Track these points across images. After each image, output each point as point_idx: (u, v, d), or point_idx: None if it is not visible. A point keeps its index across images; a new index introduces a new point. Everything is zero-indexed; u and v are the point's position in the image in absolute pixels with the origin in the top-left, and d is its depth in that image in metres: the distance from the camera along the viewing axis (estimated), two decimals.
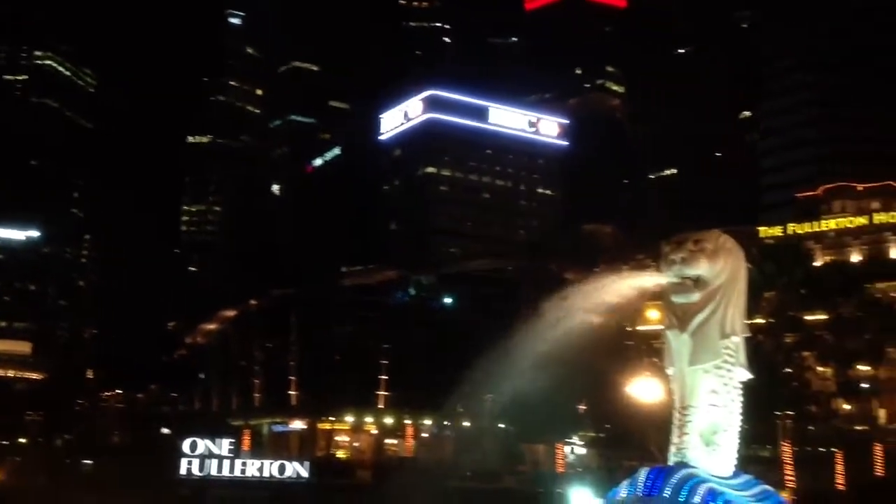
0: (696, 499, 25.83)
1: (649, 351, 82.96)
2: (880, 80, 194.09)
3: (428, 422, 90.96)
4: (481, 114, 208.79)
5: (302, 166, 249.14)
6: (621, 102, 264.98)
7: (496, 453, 79.69)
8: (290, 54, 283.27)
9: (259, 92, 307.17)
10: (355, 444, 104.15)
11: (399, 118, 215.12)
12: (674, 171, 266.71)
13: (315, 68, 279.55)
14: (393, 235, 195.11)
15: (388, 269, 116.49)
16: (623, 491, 29.12)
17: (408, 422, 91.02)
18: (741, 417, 30.46)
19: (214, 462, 63.36)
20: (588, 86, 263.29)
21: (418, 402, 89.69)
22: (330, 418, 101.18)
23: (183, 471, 63.33)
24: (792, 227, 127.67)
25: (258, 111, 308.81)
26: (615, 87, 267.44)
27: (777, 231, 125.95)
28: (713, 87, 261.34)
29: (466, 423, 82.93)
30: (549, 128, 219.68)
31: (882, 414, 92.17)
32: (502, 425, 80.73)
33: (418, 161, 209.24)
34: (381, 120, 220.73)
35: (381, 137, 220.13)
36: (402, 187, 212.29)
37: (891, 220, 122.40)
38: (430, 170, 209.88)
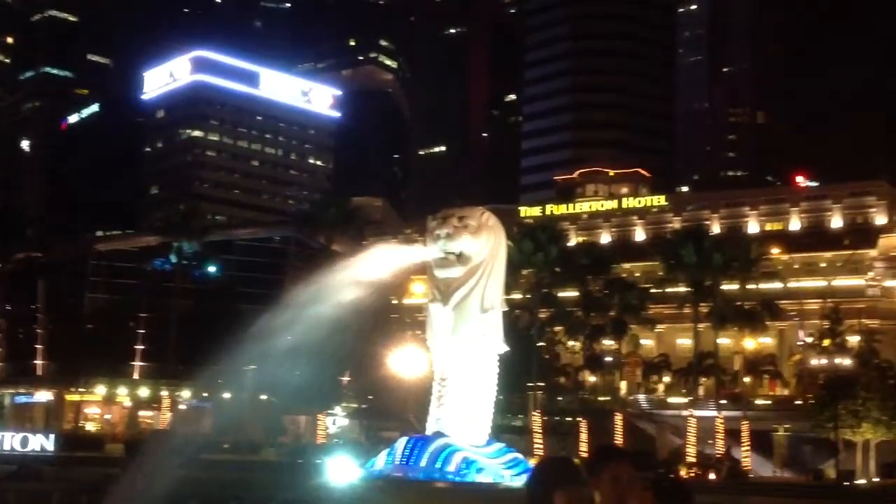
0: (451, 467, 26.65)
1: (413, 324, 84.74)
2: (632, 71, 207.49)
3: (186, 393, 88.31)
4: (252, 79, 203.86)
5: (56, 123, 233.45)
6: (394, 77, 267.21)
7: (257, 425, 78.71)
8: (45, 2, 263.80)
9: (9, 40, 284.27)
10: (106, 417, 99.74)
11: (164, 77, 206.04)
12: (442, 148, 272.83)
13: (73, 18, 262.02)
14: (154, 200, 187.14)
15: (147, 235, 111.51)
16: (382, 461, 29.55)
17: (164, 393, 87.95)
18: (497, 388, 31.61)
19: None
20: (362, 58, 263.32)
21: (176, 374, 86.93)
22: (80, 389, 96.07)
23: None
24: (550, 208, 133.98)
25: (7, 61, 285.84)
26: (389, 62, 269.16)
27: (536, 211, 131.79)
28: (480, 70, 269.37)
29: (227, 395, 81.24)
30: (321, 98, 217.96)
31: (623, 386, 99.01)
32: (264, 397, 79.83)
33: (184, 124, 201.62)
34: (145, 78, 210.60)
35: (144, 97, 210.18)
36: (166, 150, 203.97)
37: (637, 205, 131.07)
38: (197, 134, 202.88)
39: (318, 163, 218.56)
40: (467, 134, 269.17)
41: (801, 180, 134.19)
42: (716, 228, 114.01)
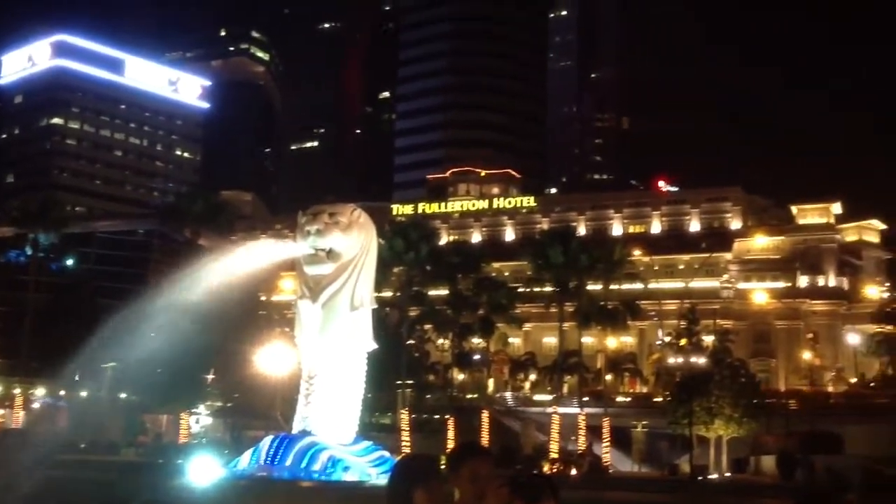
0: (317, 466, 26.44)
1: (282, 321, 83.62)
2: (505, 74, 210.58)
3: (41, 391, 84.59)
4: (117, 66, 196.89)
5: None
6: (266, 70, 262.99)
7: (115, 424, 76.11)
8: None
9: None
10: None
11: (23, 62, 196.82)
12: (315, 143, 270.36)
13: None
14: (9, 189, 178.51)
15: (1, 226, 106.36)
16: (246, 460, 29.05)
17: (17, 391, 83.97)
18: (365, 386, 31.50)
19: None
20: (233, 49, 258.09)
21: (31, 371, 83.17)
22: None
23: None
24: (422, 207, 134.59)
25: None
26: (261, 54, 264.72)
27: (408, 209, 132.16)
28: (355, 66, 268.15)
29: (84, 393, 78.21)
30: (190, 88, 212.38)
31: (491, 383, 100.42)
32: (123, 395, 77.27)
33: (43, 110, 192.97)
34: (2, 62, 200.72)
35: (1, 81, 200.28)
36: (23, 137, 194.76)
37: (507, 206, 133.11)
38: (57, 121, 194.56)
39: (186, 154, 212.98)
40: (341, 130, 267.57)
41: (662, 185, 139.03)
42: (582, 230, 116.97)
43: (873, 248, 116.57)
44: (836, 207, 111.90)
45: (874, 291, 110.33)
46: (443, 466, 5.86)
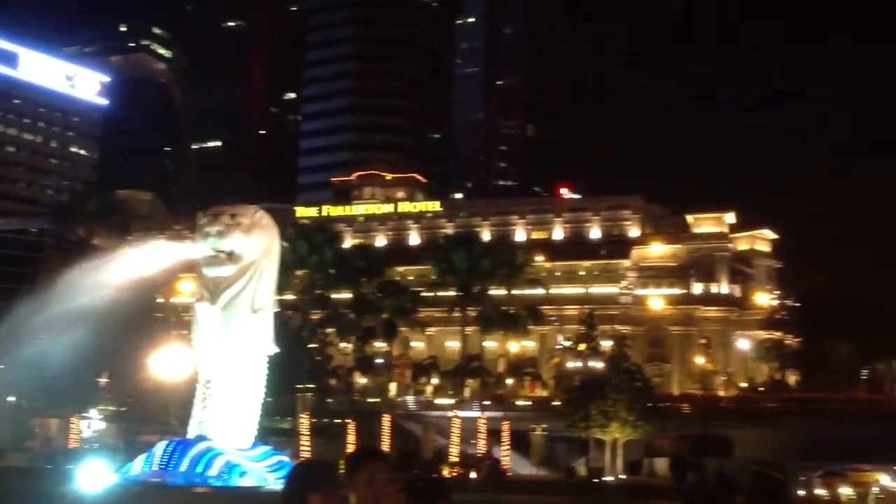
0: (213, 471, 25.95)
1: (179, 324, 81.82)
2: (412, 79, 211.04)
3: None
4: (10, 59, 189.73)
5: None
6: (168, 67, 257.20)
7: (3, 429, 73.31)
8: None
9: None
10: None
11: None
12: (217, 143, 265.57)
13: None
14: None
15: None
16: (139, 465, 28.34)
17: None
18: (265, 390, 31.09)
19: None
20: (133, 45, 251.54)
21: None
22: None
23: None
24: (327, 210, 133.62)
25: None
26: (162, 51, 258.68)
27: (312, 212, 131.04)
28: (259, 65, 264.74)
29: None
30: (87, 84, 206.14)
31: (393, 387, 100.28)
32: (11, 398, 74.48)
33: None
34: None
35: None
36: None
37: (413, 210, 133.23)
38: None
39: (82, 152, 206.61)
40: (244, 130, 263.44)
41: (564, 192, 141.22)
42: (486, 235, 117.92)
43: (764, 257, 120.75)
44: (730, 217, 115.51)
45: (764, 299, 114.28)
46: (341, 471, 5.85)
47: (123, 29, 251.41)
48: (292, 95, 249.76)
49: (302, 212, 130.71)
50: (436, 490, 5.64)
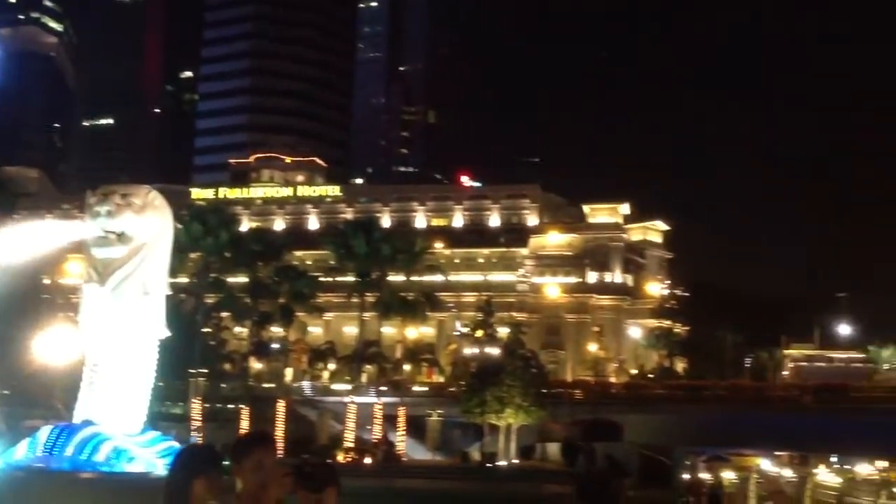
0: (100, 457, 25.30)
1: (66, 305, 79.25)
2: (314, 61, 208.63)
3: None
4: None
5: None
6: (59, 41, 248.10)
7: None
8: None
9: None
10: None
11: None
12: (110, 121, 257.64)
13: None
14: None
15: None
16: (22, 451, 27.38)
17: None
18: (156, 375, 30.43)
19: None
20: (23, 17, 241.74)
21: None
22: None
23: None
24: (223, 192, 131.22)
25: None
26: (53, 24, 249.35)
27: (208, 193, 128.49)
28: (155, 42, 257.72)
29: None
30: None
31: (289, 373, 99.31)
32: None
33: None
34: None
35: None
36: None
37: (312, 194, 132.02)
38: None
39: None
40: (138, 108, 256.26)
41: (465, 180, 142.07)
42: (387, 221, 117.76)
43: (656, 248, 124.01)
44: (625, 208, 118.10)
45: (655, 288, 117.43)
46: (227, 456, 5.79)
47: (13, 1, 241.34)
48: (189, 74, 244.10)
49: (197, 193, 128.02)
50: (325, 474, 5.63)
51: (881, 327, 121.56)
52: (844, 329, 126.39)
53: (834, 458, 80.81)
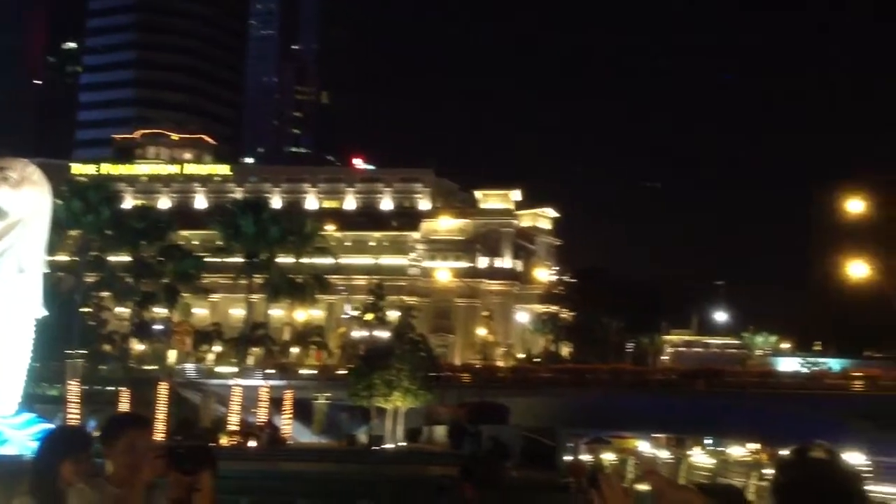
0: None
1: None
2: (204, 37, 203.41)
3: None
4: None
5: None
6: None
7: None
8: None
9: None
10: None
11: None
12: None
13: None
14: None
15: None
16: None
17: None
18: (32, 355, 29.39)
19: None
20: None
21: None
22: None
23: None
24: (106, 168, 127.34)
25: None
26: None
27: (90, 169, 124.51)
28: (36, 11, 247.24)
29: None
30: None
31: (172, 355, 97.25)
32: None
33: None
34: None
35: None
36: None
37: (200, 173, 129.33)
38: None
39: None
40: (17, 78, 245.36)
41: (358, 163, 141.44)
42: (277, 202, 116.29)
43: (545, 234, 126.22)
44: (516, 194, 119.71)
45: (544, 274, 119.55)
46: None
47: None
48: (73, 45, 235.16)
49: (78, 169, 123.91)
50: (199, 457, 5.57)
51: (755, 315, 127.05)
52: (721, 316, 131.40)
53: (708, 441, 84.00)
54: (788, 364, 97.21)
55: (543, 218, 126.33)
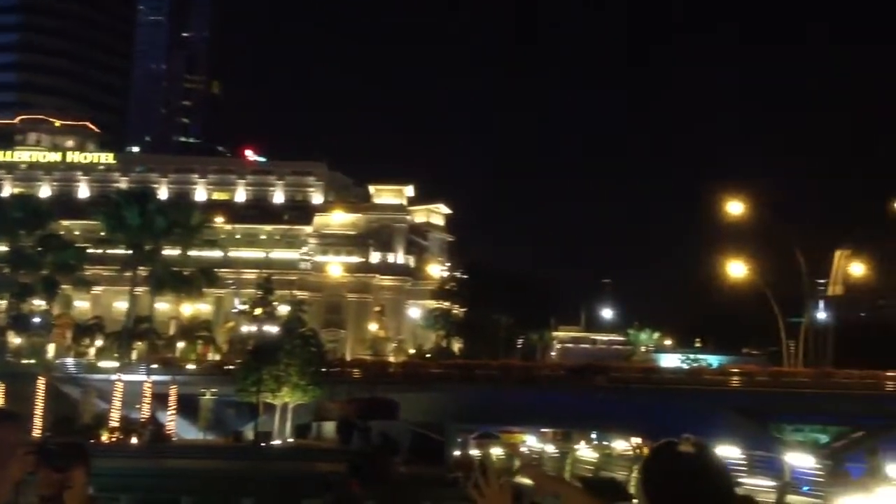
0: None
1: None
2: (89, 21, 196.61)
3: None
4: None
5: None
6: None
7: None
8: None
9: None
10: None
11: None
12: None
13: None
14: None
15: None
16: None
17: None
18: None
19: None
20: None
21: None
22: None
23: None
24: None
25: None
26: None
27: None
28: None
29: None
30: None
31: (51, 349, 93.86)
32: None
33: None
34: None
35: None
36: None
37: (83, 161, 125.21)
38: None
39: None
40: None
41: (249, 154, 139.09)
42: (164, 193, 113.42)
43: (438, 230, 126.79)
44: (409, 190, 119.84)
45: (436, 270, 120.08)
46: None
47: None
48: None
49: None
50: (72, 453, 5.36)
51: (640, 312, 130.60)
52: (608, 313, 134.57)
53: (594, 435, 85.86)
54: (670, 360, 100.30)
55: (436, 214, 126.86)
